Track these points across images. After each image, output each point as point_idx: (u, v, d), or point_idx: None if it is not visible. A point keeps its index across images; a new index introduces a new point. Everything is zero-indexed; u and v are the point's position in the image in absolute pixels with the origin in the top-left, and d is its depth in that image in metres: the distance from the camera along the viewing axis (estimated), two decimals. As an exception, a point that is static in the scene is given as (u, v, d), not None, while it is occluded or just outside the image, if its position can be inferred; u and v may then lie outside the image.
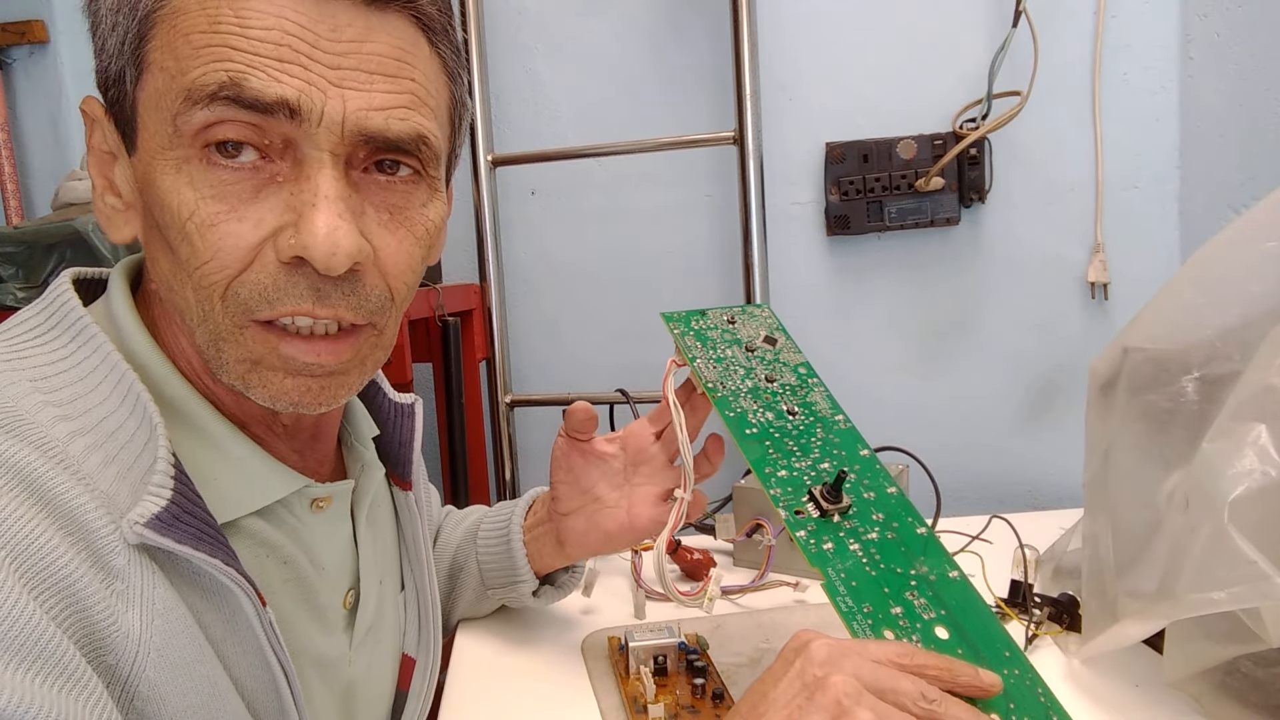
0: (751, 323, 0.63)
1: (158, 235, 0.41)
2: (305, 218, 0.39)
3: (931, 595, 0.45)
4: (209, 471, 0.43)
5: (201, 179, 0.39)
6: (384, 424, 0.57)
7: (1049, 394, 1.19)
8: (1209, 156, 1.08)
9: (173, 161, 0.39)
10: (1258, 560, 0.44)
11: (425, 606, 0.60)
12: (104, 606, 0.35)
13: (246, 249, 0.39)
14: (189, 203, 0.39)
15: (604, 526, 0.63)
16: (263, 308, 0.40)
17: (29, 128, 1.30)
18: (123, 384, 0.40)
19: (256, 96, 0.37)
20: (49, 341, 0.41)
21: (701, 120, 1.19)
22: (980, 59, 1.09)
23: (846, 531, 0.49)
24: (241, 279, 0.39)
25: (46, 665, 0.32)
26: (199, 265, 0.39)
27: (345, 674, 0.51)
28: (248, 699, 0.42)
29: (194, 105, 0.37)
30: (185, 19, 0.38)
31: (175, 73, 0.38)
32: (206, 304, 0.40)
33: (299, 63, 0.38)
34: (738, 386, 0.57)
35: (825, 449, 0.54)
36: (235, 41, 0.37)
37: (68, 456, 0.37)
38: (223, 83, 0.37)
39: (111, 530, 0.36)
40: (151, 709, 0.36)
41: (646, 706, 0.58)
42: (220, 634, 0.40)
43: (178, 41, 0.38)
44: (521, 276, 1.26)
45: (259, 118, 0.38)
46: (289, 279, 0.40)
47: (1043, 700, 0.41)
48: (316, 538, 0.49)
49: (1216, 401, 0.53)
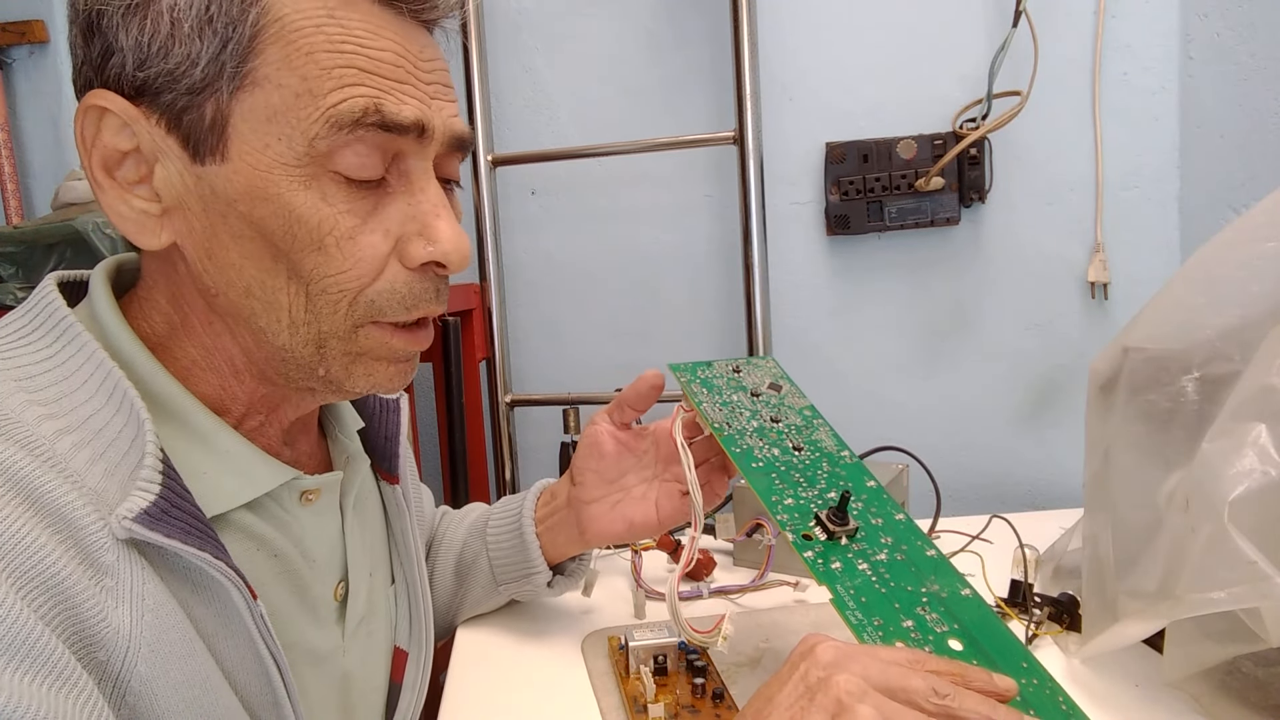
0: (757, 372, 0.65)
1: (247, 244, 0.41)
2: (432, 227, 0.43)
3: (944, 610, 0.45)
4: (197, 466, 0.43)
5: (335, 194, 0.41)
6: (369, 417, 0.58)
7: (1049, 394, 1.19)
8: (1209, 156, 1.08)
9: (300, 178, 0.40)
10: (1258, 560, 0.44)
11: (415, 599, 0.60)
12: (93, 604, 0.35)
13: (381, 259, 0.43)
14: (328, 217, 0.41)
15: (629, 515, 0.65)
16: (399, 312, 0.44)
17: (29, 128, 1.30)
18: (109, 381, 0.40)
19: (396, 120, 0.41)
20: (34, 342, 0.41)
21: (701, 120, 1.19)
22: (980, 59, 1.09)
23: (855, 553, 0.49)
24: (375, 287, 0.43)
25: (36, 664, 0.32)
26: (333, 274, 0.42)
27: (340, 665, 0.52)
28: (241, 692, 0.42)
29: (338, 130, 0.40)
30: (303, 38, 0.39)
31: (302, 92, 0.39)
32: (327, 308, 0.42)
33: (410, 83, 0.42)
34: (743, 426, 0.59)
35: (831, 480, 0.55)
36: (361, 64, 0.40)
37: (54, 454, 0.37)
38: (366, 108, 0.40)
39: (100, 527, 0.36)
40: (144, 704, 0.36)
41: (646, 706, 0.58)
42: (212, 628, 0.41)
43: (300, 60, 0.39)
44: (521, 276, 1.26)
45: (391, 138, 0.41)
46: (420, 284, 0.44)
47: (1064, 708, 0.41)
48: (306, 530, 0.49)
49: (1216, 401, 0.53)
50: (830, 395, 1.21)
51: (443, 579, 0.75)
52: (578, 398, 1.18)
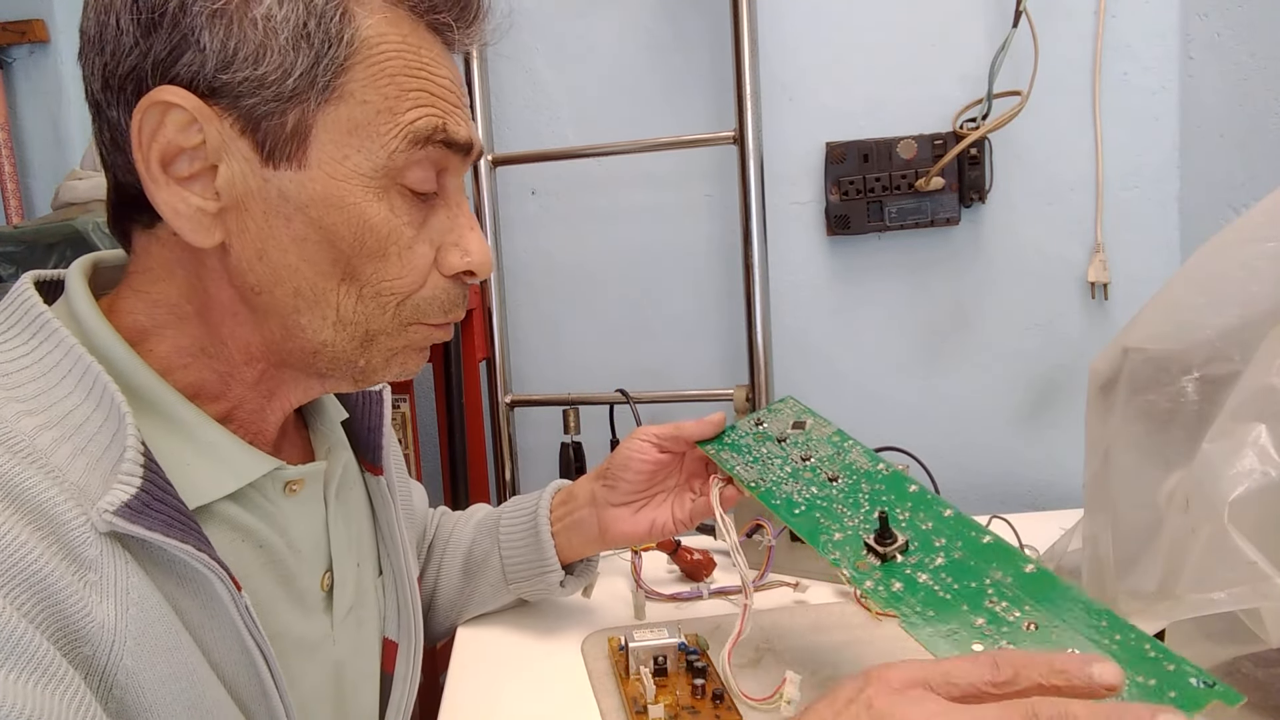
0: (778, 417, 0.66)
1: (309, 248, 0.43)
2: (467, 239, 0.48)
3: (1012, 596, 0.45)
4: (180, 458, 0.43)
5: (401, 207, 0.45)
6: (352, 408, 0.59)
7: (1049, 394, 1.19)
8: (1209, 156, 1.08)
9: (374, 190, 0.44)
10: (1258, 560, 0.44)
11: (403, 591, 0.60)
12: (77, 599, 0.35)
13: (429, 267, 0.47)
14: (396, 228, 0.45)
15: (652, 518, 0.68)
16: (438, 315, 0.48)
17: (29, 128, 1.30)
18: (88, 376, 0.40)
19: (456, 138, 0.45)
20: (10, 339, 0.41)
21: (701, 120, 1.19)
22: (980, 59, 1.09)
23: (913, 567, 0.49)
24: (420, 293, 0.47)
25: (21, 662, 0.32)
26: (390, 279, 0.45)
27: (331, 654, 0.52)
28: (228, 683, 0.42)
29: (414, 145, 0.44)
30: (388, 61, 0.43)
31: (382, 109, 0.43)
32: (377, 310, 0.46)
33: (460, 106, 0.47)
34: (778, 475, 0.60)
35: (873, 499, 0.55)
36: (431, 88, 0.44)
37: (35, 450, 0.37)
38: (436, 127, 0.44)
39: (82, 522, 0.36)
40: (130, 697, 0.37)
41: (646, 707, 0.58)
42: (197, 620, 0.41)
43: (383, 81, 0.43)
44: (521, 276, 1.26)
45: (448, 154, 0.46)
46: (455, 291, 0.49)
47: (1153, 654, 0.39)
48: (291, 521, 0.49)
49: (1216, 401, 0.53)
50: (830, 395, 1.21)
51: (450, 576, 0.75)
52: (578, 398, 1.18)
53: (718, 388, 1.18)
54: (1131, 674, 0.37)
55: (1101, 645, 0.40)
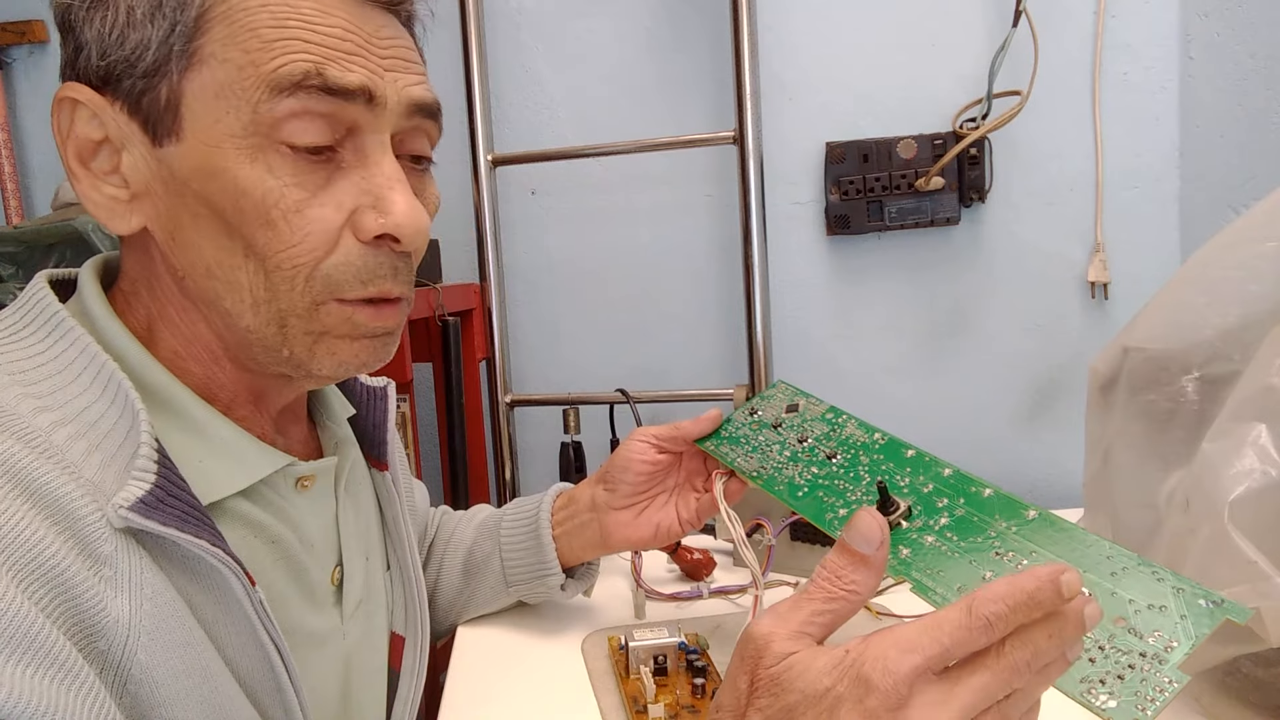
0: (771, 404, 0.66)
1: (203, 223, 0.42)
2: (386, 199, 0.43)
3: (1017, 545, 0.45)
4: (193, 454, 0.43)
5: (281, 167, 0.41)
6: (358, 405, 0.59)
7: (1049, 394, 1.19)
8: (1209, 156, 1.08)
9: (246, 150, 0.41)
10: (1258, 560, 0.44)
11: (410, 585, 0.61)
12: (93, 594, 0.35)
13: (333, 232, 0.43)
14: (274, 190, 0.41)
15: (655, 521, 0.67)
16: (355, 288, 0.44)
17: (29, 128, 1.30)
18: (103, 374, 0.41)
19: (339, 83, 0.41)
20: (26, 337, 0.42)
21: (701, 120, 1.19)
22: (980, 59, 1.09)
23: (918, 530, 0.49)
24: (330, 260, 0.43)
25: (38, 658, 0.33)
26: (284, 249, 0.42)
27: (341, 647, 0.52)
28: (242, 679, 0.42)
29: (279, 94, 0.40)
30: (248, 16, 0.40)
31: (245, 64, 0.40)
32: (283, 285, 0.42)
33: (361, 54, 0.42)
34: (778, 461, 0.60)
35: (873, 469, 0.55)
36: (306, 35, 0.41)
37: (51, 446, 0.37)
38: (307, 71, 0.40)
39: (98, 517, 0.37)
40: (145, 692, 0.37)
41: (646, 706, 0.58)
42: (211, 615, 0.41)
43: (244, 36, 0.40)
44: (521, 276, 1.26)
45: (338, 104, 0.41)
46: (375, 259, 0.44)
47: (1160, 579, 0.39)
48: (303, 516, 0.49)
49: (1216, 401, 0.53)
50: (830, 395, 1.20)
51: (450, 576, 0.75)
52: (578, 398, 1.18)
53: (718, 387, 1.18)
54: (1143, 601, 0.39)
55: (1110, 578, 0.40)
